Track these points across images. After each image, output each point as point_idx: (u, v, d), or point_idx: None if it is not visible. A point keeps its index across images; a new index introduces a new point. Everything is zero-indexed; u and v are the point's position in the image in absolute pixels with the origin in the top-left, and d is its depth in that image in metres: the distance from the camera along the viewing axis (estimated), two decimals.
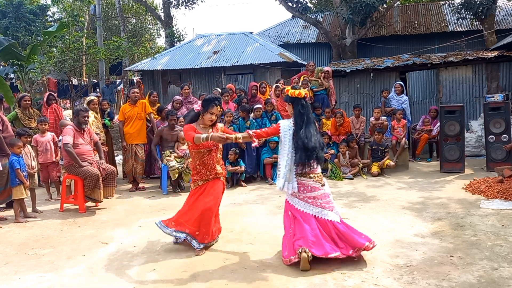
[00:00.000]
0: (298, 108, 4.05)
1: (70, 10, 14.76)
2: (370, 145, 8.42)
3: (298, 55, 15.69)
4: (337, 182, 7.62)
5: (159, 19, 20.16)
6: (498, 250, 4.14)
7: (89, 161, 6.16)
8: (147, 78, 13.84)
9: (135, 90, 7.79)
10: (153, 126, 7.79)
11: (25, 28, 16.72)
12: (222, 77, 13.11)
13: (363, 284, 3.56)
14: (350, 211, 5.70)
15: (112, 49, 10.97)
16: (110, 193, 6.39)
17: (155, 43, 29.67)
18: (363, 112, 9.55)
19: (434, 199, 6.16)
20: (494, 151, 7.81)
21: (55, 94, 8.52)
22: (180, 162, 7.13)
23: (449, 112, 8.06)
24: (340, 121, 8.51)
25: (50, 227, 5.46)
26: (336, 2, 14.52)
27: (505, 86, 10.68)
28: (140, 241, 4.78)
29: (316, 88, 9.36)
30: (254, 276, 3.79)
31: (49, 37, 11.90)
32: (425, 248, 4.26)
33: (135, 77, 20.97)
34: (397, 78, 11.16)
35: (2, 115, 6.31)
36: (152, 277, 3.83)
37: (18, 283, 3.83)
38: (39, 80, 12.82)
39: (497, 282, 3.49)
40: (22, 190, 5.72)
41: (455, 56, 11.51)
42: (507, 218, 5.09)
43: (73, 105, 11.61)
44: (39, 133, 6.98)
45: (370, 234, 4.74)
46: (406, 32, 16.39)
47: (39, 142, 6.85)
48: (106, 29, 24.50)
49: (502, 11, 16.44)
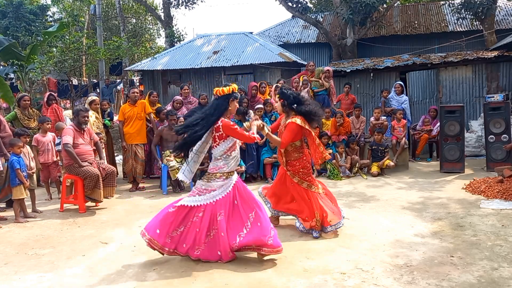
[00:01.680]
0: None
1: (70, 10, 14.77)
2: (370, 145, 8.42)
3: (298, 55, 15.68)
4: (337, 182, 7.61)
5: (159, 19, 20.15)
6: (498, 250, 4.14)
7: (89, 161, 6.16)
8: (147, 78, 13.82)
9: (135, 90, 7.79)
10: (153, 126, 7.78)
11: (25, 28, 16.70)
12: (222, 77, 13.09)
13: (363, 284, 3.56)
14: (350, 211, 5.70)
15: (112, 49, 10.96)
16: (110, 193, 6.39)
17: (155, 43, 29.65)
18: (363, 112, 9.55)
19: (434, 199, 6.17)
20: (494, 151, 7.81)
21: (55, 94, 8.51)
22: (180, 162, 7.13)
23: (449, 112, 8.06)
24: (340, 121, 8.51)
25: (50, 227, 5.46)
26: (336, 2, 14.51)
27: (505, 86, 10.68)
28: (140, 241, 4.76)
29: (317, 89, 9.35)
30: (254, 276, 3.79)
31: (49, 37, 11.89)
32: (425, 248, 4.27)
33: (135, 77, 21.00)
34: (397, 78, 11.16)
35: (0, 115, 6.31)
36: (152, 277, 3.83)
37: (18, 283, 3.83)
38: (39, 80, 12.81)
39: (497, 282, 3.49)
40: (22, 190, 5.72)
41: (455, 56, 11.51)
42: (507, 218, 5.10)
43: (73, 105, 11.61)
44: (40, 133, 6.97)
45: (370, 234, 4.77)
46: (406, 32, 16.38)
47: (40, 141, 6.85)
48: (106, 29, 24.49)
49: (502, 11, 16.43)
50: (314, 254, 4.22)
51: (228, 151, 4.16)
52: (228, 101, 4.19)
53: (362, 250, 4.30)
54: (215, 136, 4.16)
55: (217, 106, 4.18)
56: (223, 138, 4.13)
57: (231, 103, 4.22)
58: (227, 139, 4.14)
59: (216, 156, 4.18)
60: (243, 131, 4.24)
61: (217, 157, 4.17)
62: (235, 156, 4.24)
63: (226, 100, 4.19)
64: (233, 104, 4.25)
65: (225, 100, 4.19)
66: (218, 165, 4.17)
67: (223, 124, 4.11)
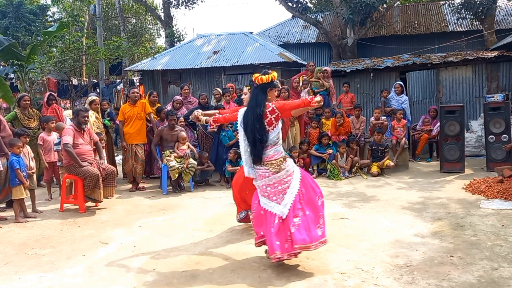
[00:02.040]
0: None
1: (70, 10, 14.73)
2: (370, 145, 8.41)
3: (298, 55, 15.68)
4: (337, 182, 7.61)
5: (159, 19, 20.15)
6: (498, 250, 4.14)
7: (89, 161, 6.16)
8: (147, 78, 13.83)
9: (135, 90, 7.79)
10: (153, 126, 7.79)
11: (25, 28, 16.71)
12: (222, 77, 13.10)
13: (363, 284, 3.56)
14: (350, 211, 5.70)
15: (112, 49, 10.96)
16: (110, 193, 6.39)
17: (155, 43, 29.64)
18: (363, 112, 9.55)
19: (434, 199, 6.17)
20: (494, 151, 7.81)
21: (55, 94, 8.51)
22: (180, 162, 7.13)
23: (449, 112, 8.06)
24: (340, 121, 8.51)
25: (50, 227, 5.46)
26: (336, 2, 14.52)
27: (505, 86, 10.68)
28: (140, 241, 4.79)
29: (317, 90, 9.35)
30: (254, 276, 3.79)
31: (49, 37, 11.89)
32: (425, 248, 4.27)
33: (135, 77, 20.99)
34: (397, 78, 11.16)
35: (0, 115, 6.31)
36: (152, 277, 3.83)
37: (18, 283, 3.83)
38: (39, 80, 12.80)
39: (497, 282, 3.49)
40: (21, 190, 5.71)
41: (455, 56, 11.51)
42: (507, 218, 5.10)
43: (73, 105, 11.61)
44: (46, 132, 7.00)
45: (370, 234, 4.77)
46: (406, 32, 16.39)
47: (45, 140, 6.87)
48: (106, 29, 24.47)
49: (502, 11, 16.44)
50: (314, 254, 4.21)
51: (279, 134, 4.07)
52: (266, 90, 4.06)
53: (362, 250, 4.30)
54: (271, 119, 3.99)
55: (257, 98, 4.04)
56: (278, 118, 4.02)
57: (269, 93, 4.09)
58: (279, 121, 4.05)
59: (274, 140, 4.01)
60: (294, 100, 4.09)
61: (275, 140, 4.02)
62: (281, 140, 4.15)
63: (264, 90, 4.05)
64: (271, 94, 4.12)
65: (263, 89, 4.05)
66: (279, 150, 4.04)
67: (278, 106, 4.00)
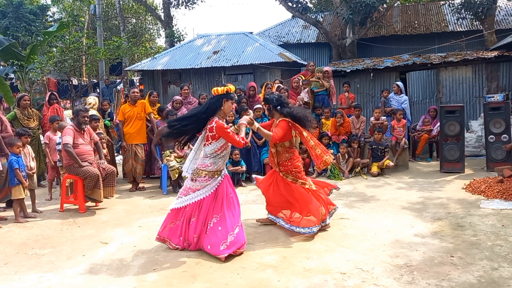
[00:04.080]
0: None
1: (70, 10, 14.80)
2: (370, 145, 8.41)
3: (298, 55, 15.67)
4: (337, 182, 7.58)
5: (159, 19, 20.15)
6: (498, 250, 4.14)
7: (89, 161, 6.16)
8: (147, 78, 13.82)
9: (135, 90, 7.79)
10: (153, 126, 7.79)
11: (25, 28, 16.71)
12: (222, 77, 13.10)
13: (363, 284, 3.56)
14: (350, 211, 5.70)
15: (112, 49, 10.95)
16: (110, 193, 6.39)
17: (155, 43, 29.64)
18: (363, 112, 9.54)
19: (434, 199, 6.16)
20: (494, 151, 7.81)
21: (57, 94, 8.51)
22: (180, 162, 7.12)
23: (449, 112, 8.06)
24: (340, 121, 8.51)
25: (50, 227, 5.46)
26: (336, 2, 14.52)
27: (505, 86, 10.68)
28: (140, 241, 4.79)
29: (317, 89, 9.34)
30: (254, 276, 3.79)
31: (49, 37, 11.89)
32: (425, 248, 4.27)
33: (135, 77, 20.99)
34: (397, 78, 11.15)
35: (1, 115, 6.31)
36: (152, 277, 3.83)
37: (18, 283, 3.83)
38: (39, 80, 12.80)
39: (497, 282, 3.49)
40: (21, 190, 5.72)
41: (455, 56, 11.51)
42: (507, 218, 5.09)
43: (73, 105, 11.61)
44: (51, 131, 7.03)
45: (370, 234, 4.77)
46: (406, 32, 16.38)
47: (51, 139, 6.90)
48: (106, 29, 24.47)
49: (502, 11, 16.44)
50: (314, 254, 4.22)
51: (218, 150, 4.30)
52: (221, 101, 4.31)
53: (362, 250, 4.30)
54: (208, 135, 4.28)
55: (209, 105, 4.33)
56: (216, 138, 4.26)
57: (225, 103, 4.33)
58: (219, 139, 4.27)
59: (206, 154, 4.32)
60: (234, 134, 4.33)
61: (207, 154, 4.32)
62: (224, 156, 4.38)
63: (219, 100, 4.31)
64: (227, 105, 4.35)
65: (218, 100, 4.31)
66: (205, 163, 4.32)
67: (217, 126, 4.23)
